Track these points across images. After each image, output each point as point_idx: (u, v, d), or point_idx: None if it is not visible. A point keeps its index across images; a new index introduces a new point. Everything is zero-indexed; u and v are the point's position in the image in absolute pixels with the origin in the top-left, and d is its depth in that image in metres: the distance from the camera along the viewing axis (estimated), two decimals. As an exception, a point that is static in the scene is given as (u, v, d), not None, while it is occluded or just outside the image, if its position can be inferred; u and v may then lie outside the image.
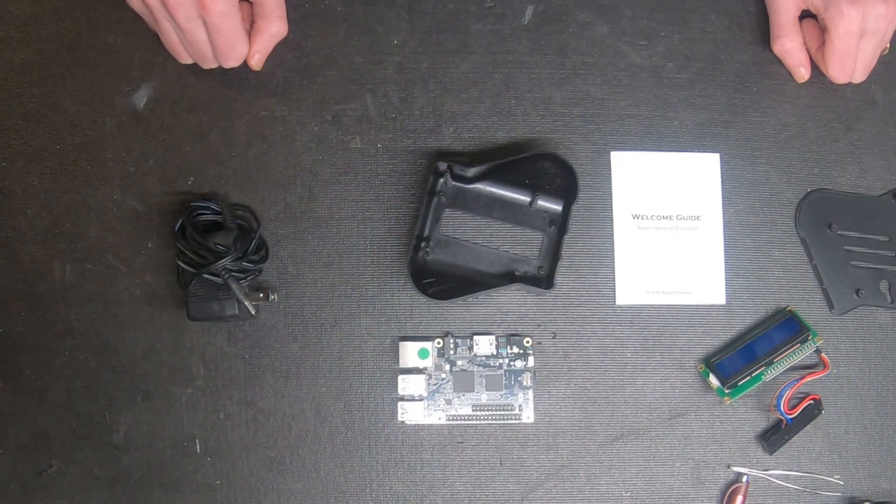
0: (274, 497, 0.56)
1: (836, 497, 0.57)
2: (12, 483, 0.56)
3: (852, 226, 0.59)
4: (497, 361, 0.57)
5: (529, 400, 0.57)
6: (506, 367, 0.57)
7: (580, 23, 0.60)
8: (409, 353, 0.57)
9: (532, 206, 0.58)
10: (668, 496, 0.57)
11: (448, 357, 0.57)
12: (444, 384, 0.57)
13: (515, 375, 0.57)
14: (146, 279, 0.57)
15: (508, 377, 0.57)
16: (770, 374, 0.56)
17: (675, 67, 0.60)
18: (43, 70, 0.58)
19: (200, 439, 0.56)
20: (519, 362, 0.57)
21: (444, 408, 0.57)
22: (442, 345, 0.57)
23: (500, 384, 0.57)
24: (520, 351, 0.57)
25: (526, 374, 0.57)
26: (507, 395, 0.57)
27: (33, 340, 0.56)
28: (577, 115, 0.59)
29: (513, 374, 0.57)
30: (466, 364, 0.57)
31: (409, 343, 0.57)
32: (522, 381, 0.57)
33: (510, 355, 0.57)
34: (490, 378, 0.57)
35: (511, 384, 0.57)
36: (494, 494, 0.56)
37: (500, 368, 0.57)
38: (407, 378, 0.57)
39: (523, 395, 0.57)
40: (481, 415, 0.57)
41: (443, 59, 0.59)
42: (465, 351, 0.57)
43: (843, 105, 0.60)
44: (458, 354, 0.57)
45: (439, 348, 0.57)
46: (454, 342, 0.57)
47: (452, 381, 0.57)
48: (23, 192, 0.57)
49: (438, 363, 0.57)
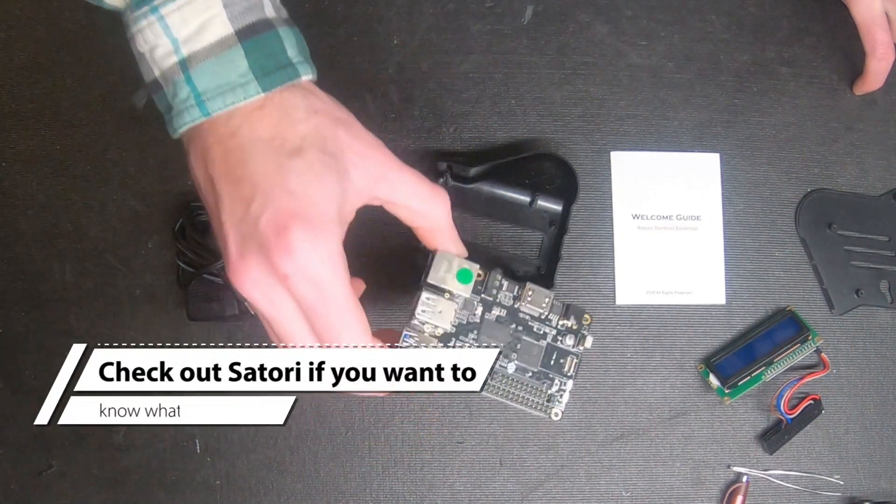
0: (274, 497, 0.56)
1: (836, 497, 0.57)
2: (12, 483, 0.56)
3: (852, 226, 0.59)
4: (542, 328, 0.46)
5: (566, 393, 0.46)
6: (550, 340, 0.46)
7: (580, 23, 0.60)
8: (446, 268, 0.44)
9: (532, 206, 0.58)
10: (668, 496, 0.57)
11: (485, 296, 0.45)
12: (465, 326, 0.45)
13: (559, 355, 0.46)
14: (146, 279, 0.57)
15: (549, 354, 0.46)
16: (770, 374, 0.56)
17: (675, 67, 0.60)
18: (43, 70, 0.58)
19: (200, 439, 0.56)
20: (569, 339, 0.46)
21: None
22: (484, 278, 0.45)
23: (536, 358, 0.46)
24: (574, 326, 0.46)
25: (571, 359, 0.46)
26: (539, 377, 0.46)
27: (33, 340, 0.56)
28: (577, 115, 0.59)
29: (556, 353, 0.46)
30: (504, 314, 0.46)
31: (454, 259, 0.44)
32: (564, 366, 0.46)
33: (561, 328, 0.46)
34: (527, 346, 0.46)
35: (549, 364, 0.46)
36: (494, 494, 0.56)
37: (544, 339, 0.46)
38: (434, 299, 0.43)
39: (560, 384, 0.46)
40: (499, 388, 0.46)
41: (443, 59, 0.59)
42: (508, 298, 0.46)
43: (843, 105, 0.60)
44: (498, 298, 0.45)
45: (479, 281, 0.45)
46: (500, 280, 0.45)
47: (479, 331, 0.45)
48: (23, 192, 0.57)
49: (469, 299, 0.45)
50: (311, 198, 0.36)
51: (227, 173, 0.37)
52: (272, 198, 0.36)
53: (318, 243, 0.36)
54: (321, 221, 0.37)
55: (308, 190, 0.36)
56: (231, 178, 0.37)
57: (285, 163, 0.36)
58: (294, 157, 0.37)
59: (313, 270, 0.36)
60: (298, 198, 0.36)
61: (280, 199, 0.36)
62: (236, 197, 0.37)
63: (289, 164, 0.36)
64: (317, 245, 0.36)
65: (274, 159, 0.37)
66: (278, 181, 0.36)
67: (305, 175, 0.37)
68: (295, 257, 0.36)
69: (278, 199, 0.36)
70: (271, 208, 0.36)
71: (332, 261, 0.37)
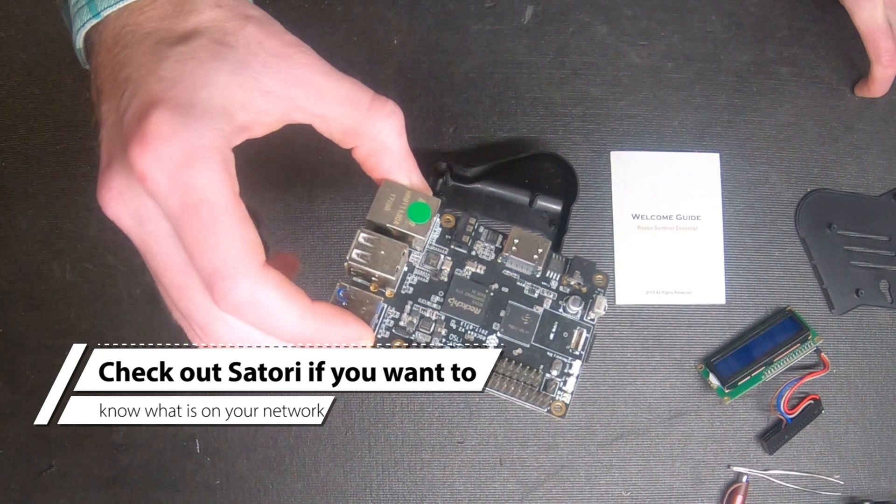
0: (274, 497, 0.56)
1: (836, 497, 0.57)
2: (12, 483, 0.56)
3: (852, 226, 0.59)
4: (537, 290, 0.34)
5: (572, 378, 0.34)
6: (549, 307, 0.34)
7: (580, 23, 0.60)
8: (393, 202, 0.33)
9: (532, 206, 0.58)
10: (668, 496, 0.57)
11: (455, 247, 0.35)
12: (427, 286, 0.34)
13: (562, 327, 0.34)
14: (146, 279, 0.56)
15: (548, 324, 0.34)
16: (770, 374, 0.56)
17: (675, 67, 0.60)
18: (43, 70, 0.58)
19: (200, 439, 0.56)
20: (575, 305, 0.34)
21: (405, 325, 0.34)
22: (454, 224, 0.35)
23: (529, 329, 0.34)
24: (583, 288, 0.35)
25: (579, 332, 0.34)
26: (532, 354, 0.34)
27: (33, 340, 0.56)
28: (577, 115, 0.59)
29: (558, 323, 0.34)
30: (482, 271, 0.34)
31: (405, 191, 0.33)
32: (570, 342, 0.34)
33: (566, 288, 0.34)
34: (516, 311, 0.34)
35: (548, 338, 0.34)
36: (494, 494, 0.56)
37: (541, 303, 0.34)
38: (375, 240, 0.33)
39: (563, 366, 0.34)
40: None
41: (443, 59, 0.59)
42: (488, 251, 0.35)
43: (843, 105, 0.60)
44: (474, 251, 0.34)
45: (448, 228, 0.35)
46: (477, 227, 0.35)
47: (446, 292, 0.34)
48: (23, 192, 0.57)
49: (434, 250, 0.34)
50: (184, 82, 0.29)
51: (109, 79, 0.31)
52: (140, 86, 0.29)
53: (185, 133, 0.28)
54: (191, 106, 0.29)
55: (182, 75, 0.29)
56: (111, 85, 0.30)
57: (165, 51, 0.30)
58: (176, 45, 0.30)
59: (175, 164, 0.28)
60: (167, 82, 0.29)
61: (148, 85, 0.29)
62: (112, 102, 0.30)
63: (168, 52, 0.30)
64: (182, 135, 0.28)
65: (153, 49, 0.30)
66: (152, 69, 0.29)
67: (185, 61, 0.30)
68: (151, 147, 0.28)
69: (146, 87, 0.29)
70: (137, 97, 0.29)
71: (204, 157, 0.28)
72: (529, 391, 0.33)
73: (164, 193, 0.28)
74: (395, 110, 0.34)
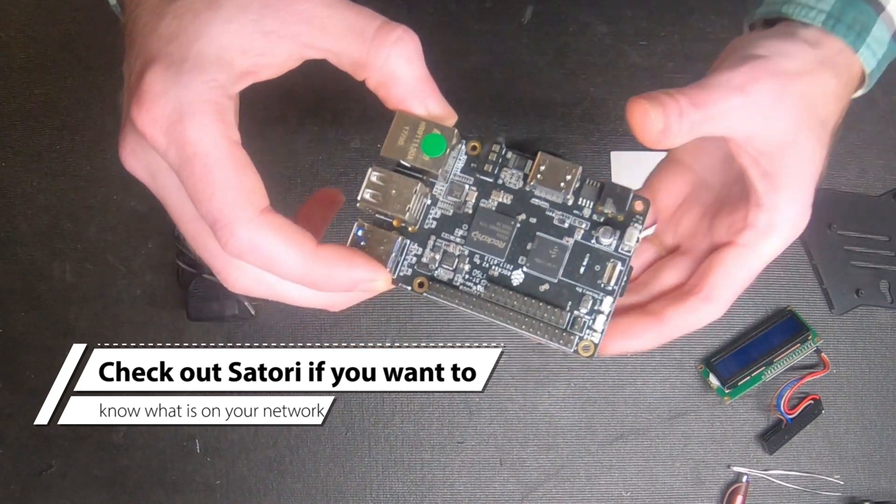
0: (274, 497, 0.56)
1: (836, 497, 0.57)
2: (12, 483, 0.56)
3: (852, 226, 0.59)
4: (567, 220, 0.32)
5: (602, 315, 0.31)
6: (580, 238, 0.32)
7: (580, 23, 0.60)
8: (407, 135, 0.32)
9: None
10: (668, 496, 0.57)
11: (480, 175, 0.33)
12: (450, 219, 0.32)
13: (594, 260, 0.32)
14: (146, 279, 0.57)
15: (578, 257, 0.32)
16: (770, 374, 0.56)
17: (675, 67, 0.60)
18: (43, 70, 0.58)
19: (200, 439, 0.56)
20: (608, 236, 0.31)
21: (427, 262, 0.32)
22: (478, 151, 0.33)
23: (557, 263, 0.31)
24: (617, 216, 0.32)
25: (613, 265, 0.31)
26: (560, 290, 0.31)
27: (33, 340, 0.56)
28: (577, 115, 0.59)
29: (591, 255, 0.32)
30: (509, 201, 0.32)
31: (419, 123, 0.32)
32: (602, 276, 0.31)
33: (600, 217, 0.32)
34: (544, 243, 0.32)
35: (578, 272, 0.32)
36: (494, 494, 0.56)
37: (572, 234, 0.32)
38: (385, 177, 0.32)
39: (594, 302, 0.31)
40: (497, 304, 0.31)
41: (443, 59, 0.59)
42: (516, 178, 0.33)
43: (843, 105, 0.60)
44: (501, 180, 0.33)
45: (473, 155, 0.33)
46: (503, 152, 0.33)
47: (470, 225, 0.32)
48: (23, 192, 0.57)
49: (458, 181, 0.33)
50: (178, 38, 0.30)
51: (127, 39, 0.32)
52: (143, 45, 0.30)
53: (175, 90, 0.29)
54: (183, 61, 0.29)
55: (178, 29, 0.30)
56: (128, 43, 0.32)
57: (165, 7, 0.30)
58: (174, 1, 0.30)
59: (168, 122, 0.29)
60: (164, 39, 0.30)
61: (149, 43, 0.30)
62: (128, 60, 0.31)
63: (167, 8, 0.30)
64: (172, 92, 0.29)
65: (156, 6, 0.31)
66: (154, 26, 0.30)
67: (182, 15, 0.30)
68: (146, 107, 0.29)
69: (147, 45, 0.30)
70: (140, 57, 0.30)
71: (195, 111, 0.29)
72: (554, 330, 0.31)
73: (164, 149, 0.29)
74: (402, 36, 0.33)
